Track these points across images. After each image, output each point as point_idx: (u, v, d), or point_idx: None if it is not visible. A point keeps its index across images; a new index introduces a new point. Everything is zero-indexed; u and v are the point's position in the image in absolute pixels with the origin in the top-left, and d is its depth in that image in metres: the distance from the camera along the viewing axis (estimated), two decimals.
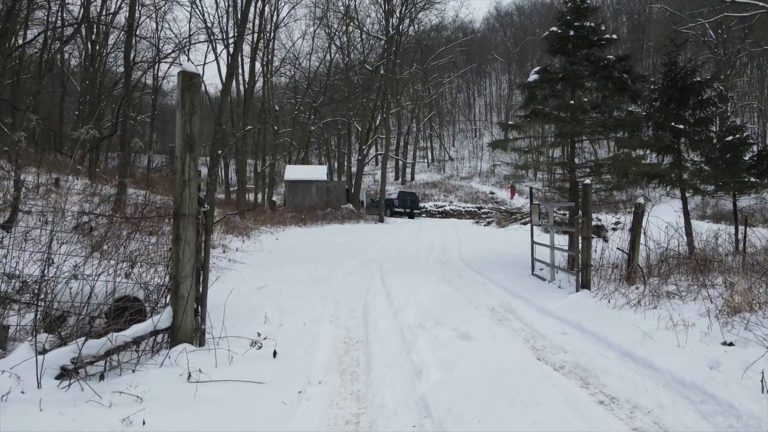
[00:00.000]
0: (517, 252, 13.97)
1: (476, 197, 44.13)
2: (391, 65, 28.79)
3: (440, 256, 13.81)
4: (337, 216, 27.12)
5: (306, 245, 15.82)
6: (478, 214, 36.62)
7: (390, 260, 12.80)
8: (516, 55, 59.66)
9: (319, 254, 13.50)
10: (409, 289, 8.40)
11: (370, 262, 12.41)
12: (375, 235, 19.86)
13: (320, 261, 12.02)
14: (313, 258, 12.57)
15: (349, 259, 12.65)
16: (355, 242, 17.32)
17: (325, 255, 13.38)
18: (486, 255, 13.69)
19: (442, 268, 11.52)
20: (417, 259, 12.96)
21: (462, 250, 14.89)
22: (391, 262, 12.37)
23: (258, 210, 22.87)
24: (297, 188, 29.21)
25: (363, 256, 13.75)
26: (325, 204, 29.19)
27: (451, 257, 13.65)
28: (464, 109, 68.48)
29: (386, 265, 11.85)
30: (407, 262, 12.22)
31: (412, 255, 14.05)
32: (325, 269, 10.59)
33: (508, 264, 11.85)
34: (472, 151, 59.46)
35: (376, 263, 12.18)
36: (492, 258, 13.02)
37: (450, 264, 12.30)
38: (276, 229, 19.97)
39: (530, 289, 8.60)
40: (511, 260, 12.52)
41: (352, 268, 11.39)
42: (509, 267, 11.33)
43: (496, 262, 12.25)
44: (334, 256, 13.08)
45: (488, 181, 50.34)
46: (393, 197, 33.42)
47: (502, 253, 13.98)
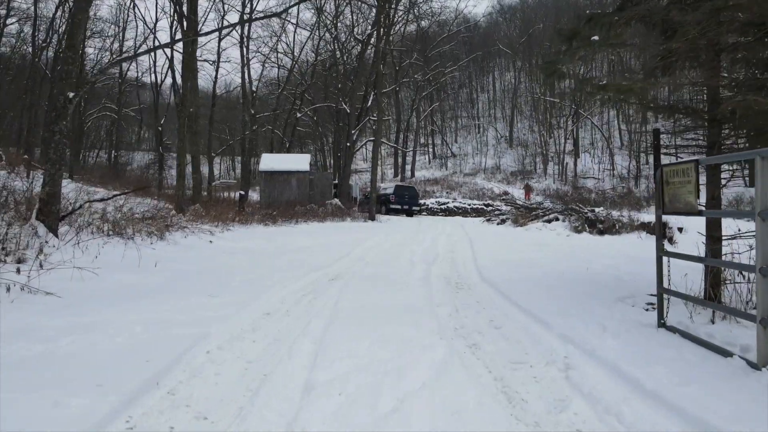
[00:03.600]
0: (573, 265, 8.32)
1: (482, 194, 38.41)
2: (384, 34, 23.20)
3: (448, 272, 8.18)
4: (319, 213, 21.50)
5: (247, 251, 10.20)
6: (486, 212, 30.91)
7: (364, 279, 7.19)
8: (522, 46, 53.91)
9: (251, 268, 7.87)
10: (373, 388, 2.85)
11: (327, 284, 6.80)
12: (359, 237, 14.25)
13: (231, 285, 6.31)
14: (229, 277, 6.91)
15: (294, 279, 7.03)
16: (326, 247, 11.73)
17: (260, 269, 7.76)
18: (522, 269, 8.01)
19: (452, 300, 5.88)
20: (409, 278, 7.35)
21: (480, 261, 9.18)
22: (363, 284, 6.77)
23: (206, 203, 17.24)
24: (274, 181, 23.63)
25: (324, 270, 8.15)
26: (307, 199, 23.60)
27: (466, 274, 7.99)
28: (467, 105, 62.81)
29: (351, 291, 6.24)
30: (390, 287, 6.61)
31: (403, 269, 8.42)
32: (213, 309, 4.94)
33: (576, 289, 6.20)
34: (475, 147, 53.74)
35: (337, 287, 6.57)
36: (537, 276, 7.33)
37: (466, 289, 6.67)
38: (229, 228, 14.36)
39: (695, 379, 3.02)
40: (574, 280, 6.88)
41: (283, 299, 5.78)
42: (584, 298, 5.69)
43: (550, 284, 6.58)
44: (272, 272, 7.47)
45: (493, 178, 44.65)
46: (389, 192, 27.75)
47: (548, 267, 8.30)
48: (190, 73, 13.90)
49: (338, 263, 9.09)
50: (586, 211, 19.10)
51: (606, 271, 7.74)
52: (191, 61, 13.68)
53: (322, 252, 10.69)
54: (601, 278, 7.06)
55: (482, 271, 7.91)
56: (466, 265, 8.93)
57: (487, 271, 7.81)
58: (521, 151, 48.44)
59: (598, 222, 18.04)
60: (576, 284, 6.61)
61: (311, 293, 6.18)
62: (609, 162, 42.17)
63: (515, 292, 6.05)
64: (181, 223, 12.75)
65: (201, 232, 12.41)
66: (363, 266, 8.71)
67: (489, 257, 9.71)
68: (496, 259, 9.47)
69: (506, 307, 5.54)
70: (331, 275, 7.71)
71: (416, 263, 9.06)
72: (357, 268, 8.52)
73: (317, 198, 24.24)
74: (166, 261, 7.79)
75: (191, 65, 13.56)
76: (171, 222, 12.27)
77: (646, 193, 36.00)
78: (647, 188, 36.85)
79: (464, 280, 7.32)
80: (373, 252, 10.90)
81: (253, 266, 8.09)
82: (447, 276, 7.73)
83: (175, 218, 13.39)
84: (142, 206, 14.45)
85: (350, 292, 6.22)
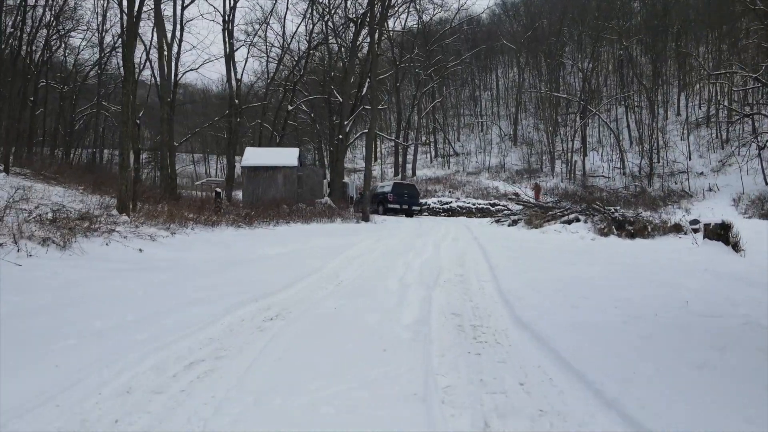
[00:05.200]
0: (648, 291, 5.22)
1: (486, 193, 35.33)
2: (380, 9, 20.10)
3: (458, 304, 5.08)
4: (307, 213, 18.51)
5: (178, 265, 7.17)
6: (493, 212, 27.88)
7: (319, 324, 4.14)
8: (526, 41, 50.69)
9: (142, 301, 4.78)
10: None
11: (249, 337, 3.75)
12: (344, 242, 11.20)
13: (47, 353, 3.30)
14: (66, 327, 3.82)
15: (201, 322, 4.02)
16: (297, 257, 8.71)
17: (159, 301, 4.69)
18: (573, 298, 4.86)
19: (473, 383, 2.86)
20: (396, 321, 4.23)
21: (504, 282, 6.03)
22: (310, 339, 3.72)
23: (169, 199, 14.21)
24: (258, 177, 20.59)
25: (266, 300, 5.12)
26: (296, 197, 20.59)
27: (487, 308, 4.83)
28: (469, 103, 59.59)
29: (278, 362, 3.19)
30: (357, 345, 3.53)
31: (389, 299, 5.36)
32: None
33: (715, 362, 3.13)
34: (479, 145, 50.56)
35: (259, 345, 3.53)
36: (609, 315, 4.15)
37: (493, 346, 3.55)
38: (185, 231, 11.37)
39: None
40: (684, 328, 3.79)
41: (126, 386, 2.79)
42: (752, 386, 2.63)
43: (651, 339, 3.47)
44: (174, 308, 4.45)
45: (498, 177, 41.50)
46: (386, 190, 24.65)
47: (610, 292, 5.05)
48: (133, 42, 10.89)
49: (297, 286, 6.07)
50: (613, 210, 16.07)
51: (716, 303, 4.70)
52: (133, 26, 10.69)
53: (286, 265, 7.69)
54: (731, 324, 4.00)
55: (512, 304, 4.88)
56: (484, 290, 5.89)
57: (521, 305, 4.77)
58: (526, 149, 45.35)
59: (627, 223, 15.06)
60: (700, 342, 3.56)
61: (201, 365, 3.15)
62: (619, 160, 39.04)
63: (597, 365, 3.01)
64: (117, 225, 9.78)
65: (139, 236, 9.43)
66: (330, 292, 5.69)
67: (513, 274, 6.67)
68: (525, 277, 6.43)
69: (596, 408, 2.53)
70: (272, 311, 4.69)
71: (410, 286, 6.02)
72: (320, 296, 5.50)
73: (306, 196, 21.22)
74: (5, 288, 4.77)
75: (133, 30, 10.57)
76: (99, 223, 9.29)
77: (661, 192, 32.93)
78: (662, 187, 33.76)
79: (486, 324, 4.29)
80: (356, 265, 7.87)
81: (154, 295, 5.06)
82: (457, 312, 4.70)
83: (117, 219, 10.44)
84: (88, 205, 11.58)
85: (275, 365, 3.20)
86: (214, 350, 3.45)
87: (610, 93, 47.22)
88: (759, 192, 29.10)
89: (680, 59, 42.95)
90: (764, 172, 30.50)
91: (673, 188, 33.17)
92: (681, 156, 35.98)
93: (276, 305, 5.00)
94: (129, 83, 10.96)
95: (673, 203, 29.61)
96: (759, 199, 28.35)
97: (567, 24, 49.40)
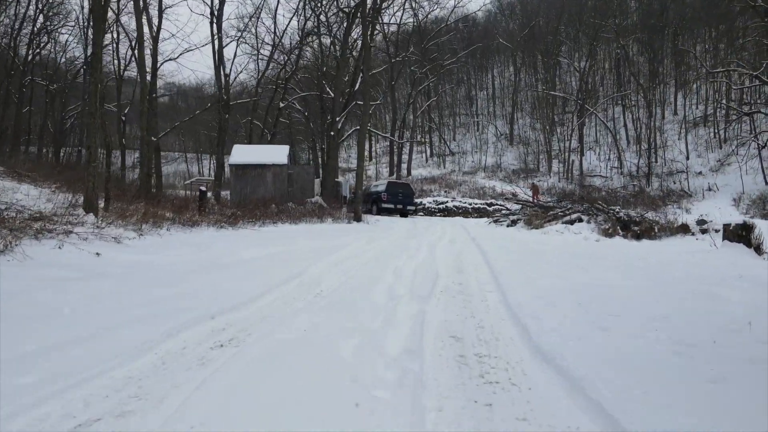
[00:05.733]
0: (686, 305, 4.21)
1: (483, 192, 34.40)
2: (373, 3, 19.05)
3: (457, 323, 4.08)
4: (296, 213, 17.50)
5: (138, 270, 6.14)
6: (489, 212, 26.95)
7: (280, 351, 3.16)
8: (522, 40, 49.76)
9: (70, 320, 3.85)
10: None
11: (178, 374, 2.81)
12: (332, 245, 10.19)
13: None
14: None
15: (126, 353, 3.07)
16: (277, 261, 7.70)
17: (89, 321, 3.74)
18: (599, 317, 3.87)
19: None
20: (379, 350, 3.24)
21: (512, 294, 4.99)
22: (263, 377, 2.75)
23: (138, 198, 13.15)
24: (246, 175, 19.53)
25: (225, 317, 4.12)
26: (286, 196, 19.56)
27: (493, 329, 3.85)
28: (465, 103, 58.64)
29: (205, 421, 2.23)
30: (324, 390, 2.61)
31: (375, 316, 4.36)
32: None
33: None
34: (475, 145, 49.62)
35: (187, 389, 2.59)
36: (647, 341, 3.17)
37: (508, 391, 2.64)
38: (159, 233, 10.36)
39: None
40: (754, 362, 2.86)
41: None
42: None
43: (717, 382, 2.57)
44: (105, 329, 3.51)
45: (495, 176, 40.59)
46: (380, 189, 23.62)
47: (641, 309, 4.04)
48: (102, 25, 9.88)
49: (268, 296, 5.09)
50: (618, 210, 15.14)
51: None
52: (100, 7, 9.67)
53: (262, 270, 6.70)
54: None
55: (525, 323, 3.90)
56: (487, 303, 4.92)
57: (535, 325, 3.79)
58: (522, 149, 44.48)
59: (632, 223, 14.17)
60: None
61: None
62: (617, 159, 38.18)
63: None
64: (78, 225, 8.76)
65: (101, 238, 8.41)
66: (305, 305, 4.70)
67: (520, 282, 5.70)
68: (535, 286, 5.46)
69: None
70: (226, 334, 3.70)
71: (400, 298, 5.03)
72: (292, 310, 4.51)
73: (297, 195, 20.20)
74: None
75: (100, 11, 9.56)
76: (56, 224, 8.27)
77: (660, 192, 32.07)
78: (660, 187, 32.91)
79: (495, 353, 3.32)
80: (340, 271, 6.89)
81: (83, 312, 4.03)
82: (457, 335, 3.73)
83: (81, 219, 9.42)
84: (54, 203, 10.59)
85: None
86: (121, 401, 2.46)
87: (607, 92, 46.40)
88: (760, 192, 28.27)
89: (677, 58, 42.14)
90: (764, 172, 29.69)
91: (672, 188, 32.31)
92: (680, 155, 35.17)
93: (235, 324, 4.01)
94: (96, 71, 9.94)
95: (672, 203, 28.73)
96: (760, 199, 27.52)
97: (564, 23, 48.55)
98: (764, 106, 31.42)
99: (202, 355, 3.26)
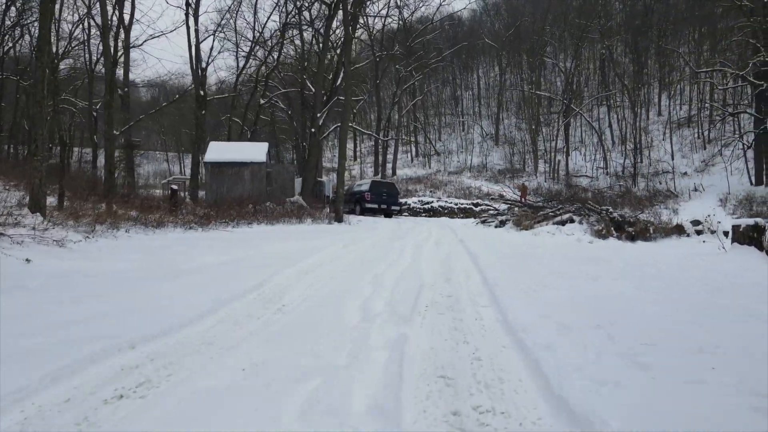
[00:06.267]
0: (727, 324, 3.31)
1: (469, 192, 33.58)
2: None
3: (447, 353, 3.10)
4: (274, 213, 16.44)
5: (62, 282, 5.14)
6: (476, 212, 26.11)
7: (184, 424, 2.21)
8: (508, 39, 49.05)
9: None
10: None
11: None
12: (307, 247, 9.18)
13: None
14: None
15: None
16: (242, 267, 6.67)
17: None
18: (665, 357, 2.86)
19: None
20: (343, 409, 2.44)
21: (514, 315, 3.99)
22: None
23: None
24: (223, 174, 18.39)
25: (137, 352, 3.10)
26: (264, 195, 18.48)
27: (494, 363, 2.90)
28: (450, 103, 57.83)
29: None
30: None
31: (344, 345, 3.41)
32: None
33: None
34: (460, 145, 48.83)
35: None
36: (710, 397, 2.35)
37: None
38: (115, 235, 9.26)
39: None
40: None
41: None
42: None
43: None
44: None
45: (480, 176, 39.82)
46: (364, 189, 22.62)
47: (674, 334, 3.12)
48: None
49: (213, 316, 4.07)
50: (612, 211, 14.35)
51: None
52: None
53: (220, 280, 5.66)
54: None
55: (536, 355, 2.95)
56: (483, 323, 3.96)
57: (550, 360, 2.83)
58: (508, 149, 43.81)
59: (626, 224, 13.40)
60: None
61: None
62: (602, 160, 37.66)
63: None
64: (13, 227, 7.65)
65: (42, 242, 7.30)
66: (255, 329, 3.69)
67: (520, 294, 4.76)
68: (538, 299, 4.52)
69: None
70: (131, 379, 2.69)
71: (377, 317, 4.05)
72: (236, 338, 3.50)
73: (277, 195, 19.12)
74: None
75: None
76: None
77: (646, 192, 31.55)
78: (647, 187, 32.40)
79: (501, 406, 2.36)
80: (310, 280, 5.89)
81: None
82: (447, 373, 2.76)
83: (23, 219, 8.30)
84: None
85: None
86: None
87: (592, 92, 45.93)
88: (746, 192, 27.82)
89: (661, 59, 41.78)
90: (749, 172, 29.33)
91: (659, 188, 31.82)
92: (665, 156, 34.73)
93: (158, 357, 3.01)
94: (44, 54, 8.81)
95: (659, 203, 28.18)
96: (746, 200, 27.03)
97: (549, 23, 47.98)
98: (749, 106, 31.03)
99: (85, 415, 2.25)
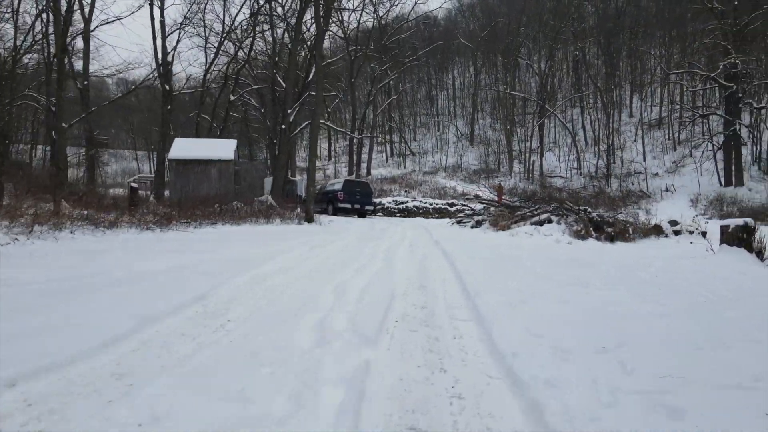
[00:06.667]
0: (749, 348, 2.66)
1: (443, 193, 33.09)
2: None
3: (420, 390, 2.42)
4: (241, 213, 15.53)
5: None
6: (450, 212, 25.57)
7: None
8: (483, 40, 48.81)
9: None
10: None
11: None
12: (269, 250, 8.36)
13: None
14: None
15: None
16: (188, 275, 5.82)
17: None
18: (698, 398, 2.26)
19: None
20: None
21: (500, 334, 3.35)
22: None
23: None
24: (188, 171, 17.36)
25: (13, 393, 2.35)
26: (232, 194, 17.53)
27: (491, 425, 2.32)
28: (425, 103, 57.39)
29: None
30: None
31: (281, 390, 2.72)
32: None
33: None
34: (435, 145, 48.39)
35: None
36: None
37: None
38: (55, 236, 8.29)
39: None
40: None
41: None
42: None
43: None
44: None
45: (455, 176, 39.42)
46: (337, 188, 21.82)
47: (686, 360, 2.64)
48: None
49: (137, 336, 3.25)
50: (590, 211, 13.91)
51: None
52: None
53: (158, 289, 4.82)
54: None
55: (536, 399, 2.27)
56: (463, 344, 3.26)
57: (557, 408, 2.16)
58: (483, 149, 43.55)
59: (605, 224, 12.97)
60: None
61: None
62: (576, 160, 37.65)
63: None
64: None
65: None
66: (186, 355, 2.91)
67: (506, 307, 4.08)
68: (526, 312, 3.86)
69: None
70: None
71: (336, 339, 3.30)
72: (161, 364, 2.71)
73: (245, 194, 18.18)
74: None
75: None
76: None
77: (619, 193, 31.58)
78: (620, 187, 32.44)
79: None
80: (263, 289, 5.09)
81: None
82: (420, 427, 2.08)
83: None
84: None
85: None
86: None
87: (566, 94, 46.02)
88: (716, 193, 28.02)
89: (633, 62, 42.08)
90: (719, 173, 29.57)
91: (632, 189, 31.88)
92: (638, 156, 34.87)
93: (27, 407, 2.21)
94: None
95: (632, 203, 28.17)
96: (717, 200, 27.20)
97: (524, 24, 47.91)
98: (718, 108, 31.32)
99: None
